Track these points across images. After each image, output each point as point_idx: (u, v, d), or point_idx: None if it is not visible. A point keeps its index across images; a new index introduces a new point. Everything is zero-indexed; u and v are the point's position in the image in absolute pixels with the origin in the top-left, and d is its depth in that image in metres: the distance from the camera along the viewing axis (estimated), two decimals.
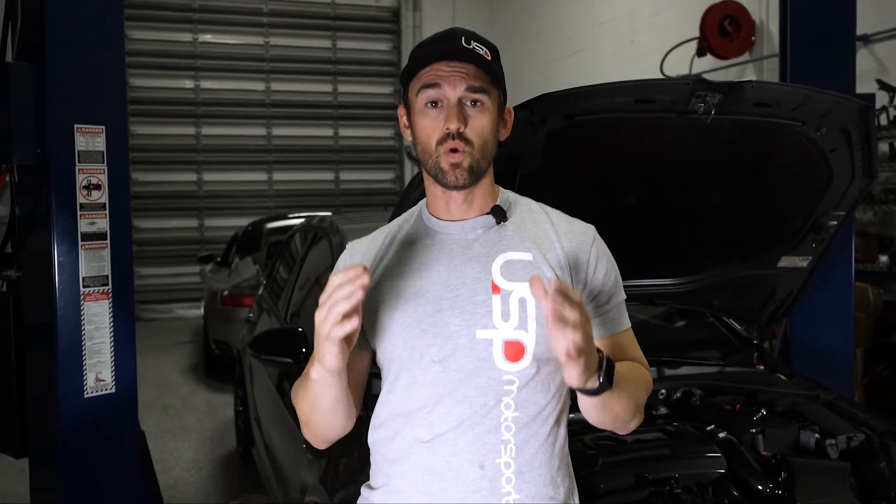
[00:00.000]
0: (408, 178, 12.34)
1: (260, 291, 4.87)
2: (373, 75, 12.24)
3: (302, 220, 7.69)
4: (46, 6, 2.67)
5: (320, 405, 1.45)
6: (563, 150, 2.17)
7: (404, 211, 2.18)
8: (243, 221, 10.68)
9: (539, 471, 1.45)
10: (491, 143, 1.48)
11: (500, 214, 1.51)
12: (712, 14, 7.01)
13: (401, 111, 1.55)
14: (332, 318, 1.24)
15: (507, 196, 1.58)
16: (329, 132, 11.99)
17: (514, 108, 2.00)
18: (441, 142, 1.43)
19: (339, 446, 2.50)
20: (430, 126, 1.45)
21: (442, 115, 1.43)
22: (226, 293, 6.87)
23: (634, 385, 1.44)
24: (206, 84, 11.44)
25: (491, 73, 1.45)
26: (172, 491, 4.34)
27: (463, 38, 1.46)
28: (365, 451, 2.32)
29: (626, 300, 1.58)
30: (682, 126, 2.16)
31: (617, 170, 2.29)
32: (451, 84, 1.43)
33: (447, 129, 1.42)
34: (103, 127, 2.80)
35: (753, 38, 7.06)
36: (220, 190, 11.52)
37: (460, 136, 1.42)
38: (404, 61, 12.13)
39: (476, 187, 1.49)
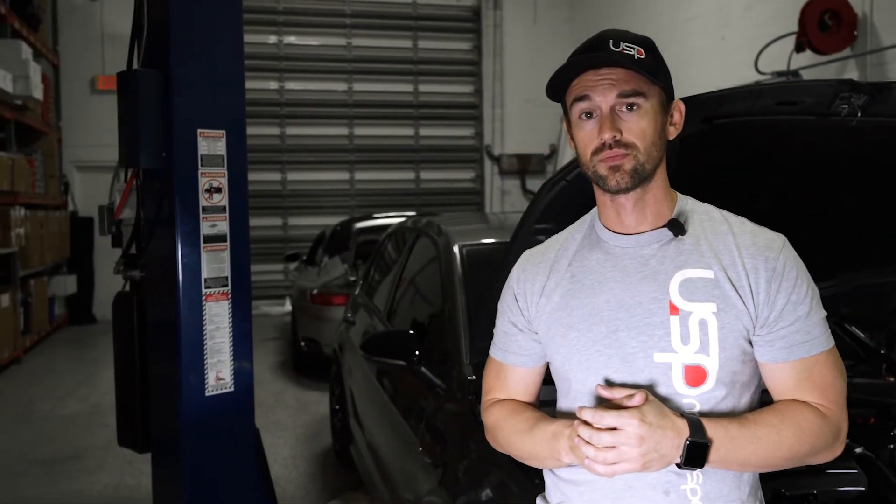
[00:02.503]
0: (488, 177, 12.32)
1: (356, 291, 4.91)
2: (453, 74, 12.26)
3: (389, 219, 7.78)
4: (172, 14, 2.74)
5: (534, 461, 1.52)
6: (698, 155, 2.10)
7: (532, 217, 2.17)
8: (325, 220, 10.86)
9: (728, 497, 1.38)
10: (657, 144, 1.41)
11: (677, 227, 1.43)
12: (811, 8, 6.77)
13: (564, 124, 1.52)
14: (603, 460, 1.28)
15: (685, 204, 1.50)
16: (410, 132, 12.06)
17: None
18: (596, 152, 1.39)
19: (456, 449, 2.53)
20: (585, 137, 1.42)
21: (596, 126, 1.39)
22: (315, 292, 6.97)
23: (773, 436, 1.33)
24: (290, 85, 11.65)
25: (646, 73, 1.38)
26: (274, 487, 4.41)
27: (611, 42, 1.41)
28: (484, 454, 2.34)
29: None
30: (823, 128, 2.07)
31: (753, 174, 2.22)
32: (601, 93, 1.39)
33: (601, 139, 1.38)
34: (224, 131, 2.86)
35: (855, 33, 6.79)
36: (304, 189, 11.71)
37: (618, 143, 1.37)
38: (485, 60, 12.13)
39: (646, 193, 1.43)
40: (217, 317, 2.86)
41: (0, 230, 7.36)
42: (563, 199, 2.10)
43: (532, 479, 2.12)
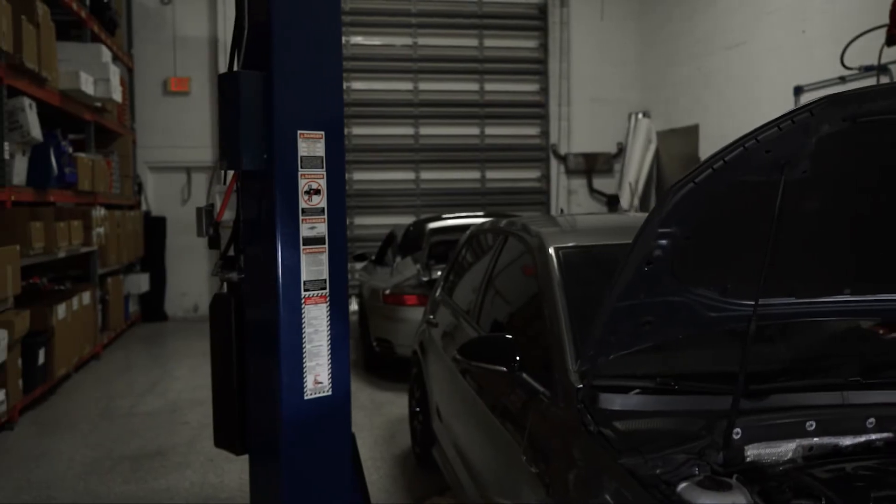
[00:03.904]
0: (554, 177, 12.17)
1: (437, 293, 4.87)
2: (519, 73, 12.14)
3: (463, 219, 7.74)
4: (273, 15, 2.72)
5: None
6: (835, 154, 1.99)
7: (656, 220, 2.08)
8: (391, 220, 10.87)
9: None
10: None
11: None
12: None
13: None
14: None
15: None
16: (475, 131, 11.99)
17: (790, 112, 1.87)
18: None
19: (563, 458, 2.46)
20: None
21: None
22: (388, 292, 6.96)
23: None
24: (356, 85, 11.69)
25: None
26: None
27: None
28: (594, 462, 2.26)
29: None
30: None
31: (892, 173, 2.10)
32: None
33: None
34: (323, 133, 2.85)
35: None
36: (369, 189, 11.74)
37: None
38: (551, 58, 11.97)
39: None
40: (315, 320, 2.84)
41: (82, 230, 7.54)
42: (690, 202, 2.01)
43: (653, 492, 2.04)
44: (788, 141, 1.90)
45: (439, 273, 6.84)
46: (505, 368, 2.80)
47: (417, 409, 4.79)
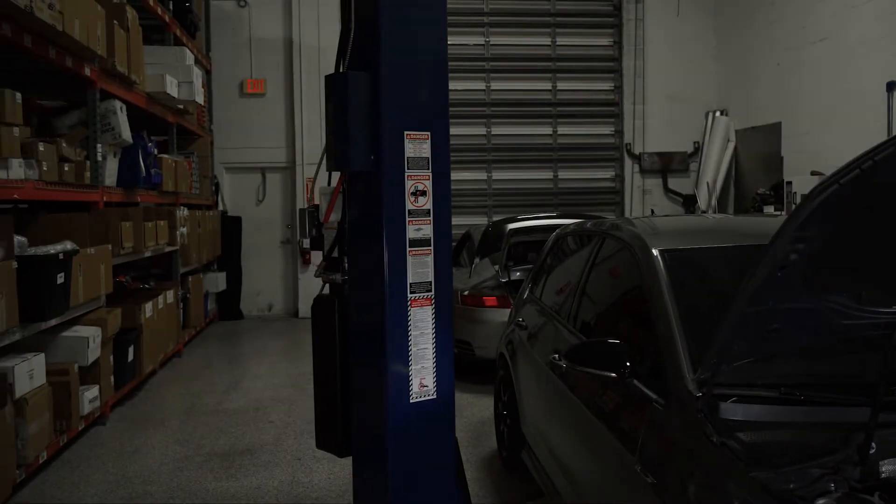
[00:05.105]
0: (628, 177, 11.97)
1: (525, 294, 4.81)
2: (593, 71, 11.97)
3: (542, 220, 7.67)
4: (381, 17, 2.70)
5: None
6: None
7: (794, 223, 1.98)
8: (463, 220, 10.83)
9: None
10: None
11: None
12: None
13: None
14: None
15: None
16: (548, 130, 11.87)
17: None
18: None
19: (680, 469, 2.38)
20: None
21: None
22: (466, 293, 6.93)
23: None
24: None
25: None
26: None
27: None
28: (716, 472, 2.18)
29: None
30: None
31: None
32: None
33: None
34: (429, 133, 2.82)
35: None
36: None
37: None
38: (625, 56, 11.78)
39: None
40: (421, 322, 2.82)
41: (168, 229, 7.70)
42: (832, 204, 1.91)
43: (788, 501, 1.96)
44: None
45: (518, 274, 6.79)
46: (615, 374, 2.72)
47: (504, 412, 4.74)
